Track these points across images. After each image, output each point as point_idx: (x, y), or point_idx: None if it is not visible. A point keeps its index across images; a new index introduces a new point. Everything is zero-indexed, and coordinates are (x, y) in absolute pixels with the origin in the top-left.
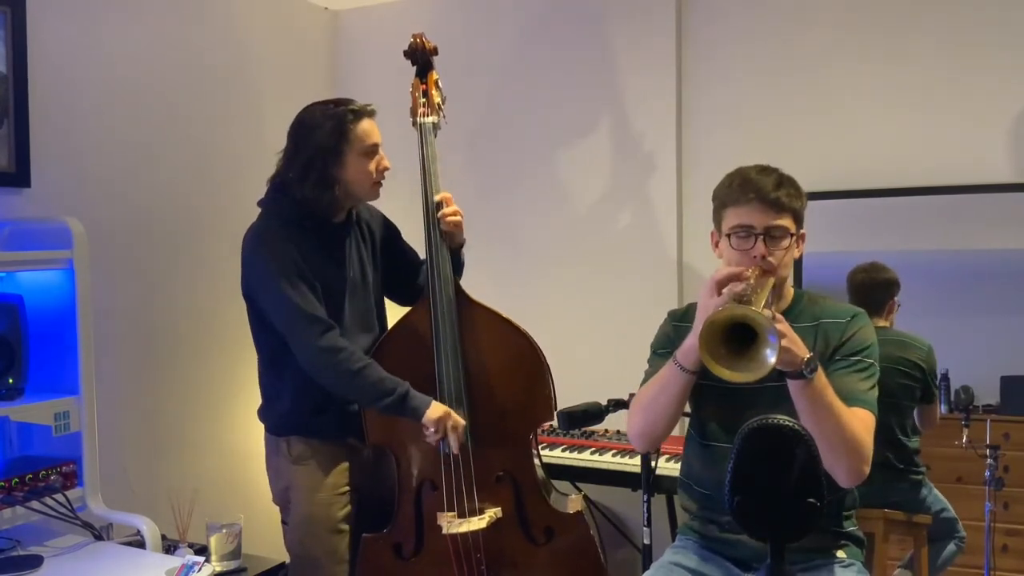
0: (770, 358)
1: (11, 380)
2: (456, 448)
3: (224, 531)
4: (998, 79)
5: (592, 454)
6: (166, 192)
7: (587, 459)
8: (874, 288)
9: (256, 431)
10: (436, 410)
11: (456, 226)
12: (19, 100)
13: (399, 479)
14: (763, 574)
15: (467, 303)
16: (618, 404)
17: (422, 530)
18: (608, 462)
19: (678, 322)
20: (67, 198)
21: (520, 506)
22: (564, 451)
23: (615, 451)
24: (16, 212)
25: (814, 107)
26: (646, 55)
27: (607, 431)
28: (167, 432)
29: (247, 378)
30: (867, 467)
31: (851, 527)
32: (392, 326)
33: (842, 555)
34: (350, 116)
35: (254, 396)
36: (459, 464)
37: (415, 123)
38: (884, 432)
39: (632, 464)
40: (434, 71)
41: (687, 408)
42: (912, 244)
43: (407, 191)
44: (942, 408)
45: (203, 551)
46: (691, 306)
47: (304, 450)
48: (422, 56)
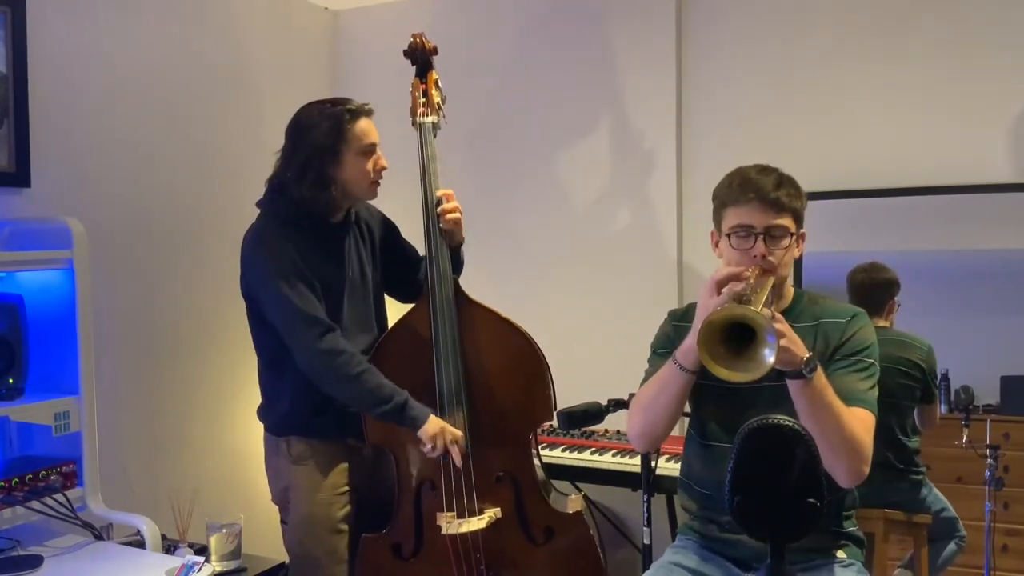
0: (768, 358)
1: (11, 380)
2: (459, 461)
3: (224, 531)
4: (998, 79)
5: (592, 454)
6: (166, 192)
7: (587, 459)
8: (874, 288)
9: (256, 431)
10: (433, 425)
11: (455, 223)
12: (19, 100)
13: (398, 479)
14: (763, 574)
15: (466, 303)
16: (618, 404)
17: (422, 530)
18: (608, 462)
19: (678, 322)
20: (67, 198)
21: (520, 506)
22: (564, 451)
23: (615, 451)
24: (16, 212)
25: (814, 107)
26: (646, 55)
27: (607, 431)
28: (167, 432)
29: (247, 378)
30: (867, 467)
31: (851, 527)
32: (391, 327)
33: (842, 555)
34: (347, 116)
35: (254, 396)
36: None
37: (415, 123)
38: (884, 432)
39: (632, 464)
40: (434, 71)
41: (687, 408)
42: (912, 244)
43: (407, 191)
44: (942, 408)
45: (203, 551)
46: (691, 306)
47: (304, 450)
48: (422, 56)
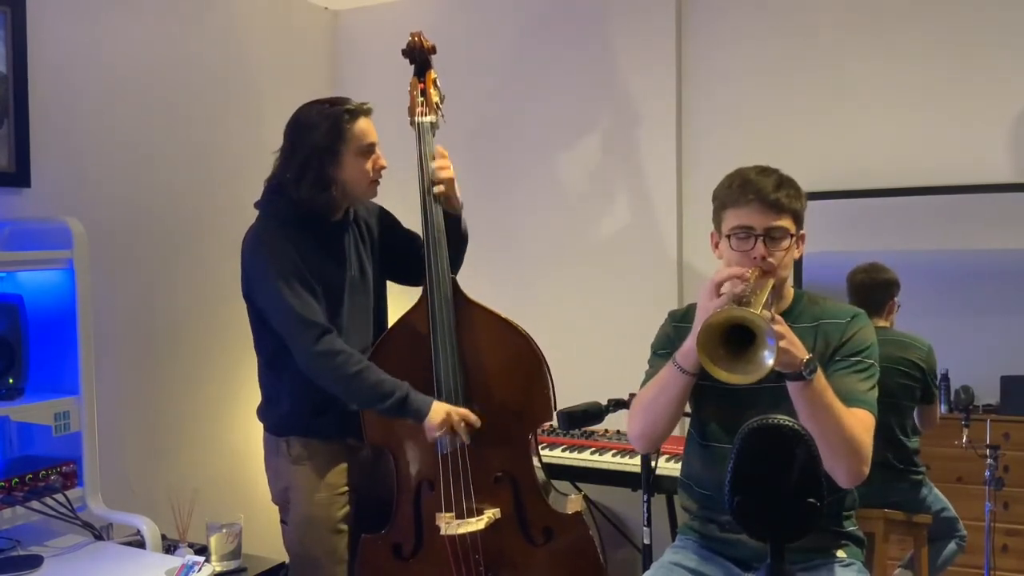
0: (768, 360)
1: (11, 380)
2: (467, 438)
3: (224, 531)
4: (998, 79)
5: (592, 454)
6: (166, 192)
7: (587, 459)
8: (874, 288)
9: (256, 431)
10: (437, 412)
11: (448, 184)
12: (19, 100)
13: (398, 479)
14: (763, 574)
15: (465, 303)
16: (618, 404)
17: (421, 530)
18: (608, 462)
19: (678, 323)
20: (67, 198)
21: (519, 507)
22: (564, 451)
23: (615, 451)
24: (16, 212)
25: (814, 107)
26: (646, 55)
27: (607, 431)
28: (167, 432)
29: (247, 378)
30: (867, 467)
31: (851, 527)
32: (390, 327)
33: (842, 555)
34: (346, 116)
35: (254, 396)
36: (458, 465)
37: (413, 122)
38: (884, 432)
39: (632, 464)
40: (432, 70)
41: (687, 408)
42: (912, 244)
43: (406, 191)
44: (942, 408)
45: (203, 551)
46: (691, 306)
47: (303, 450)
48: (420, 55)
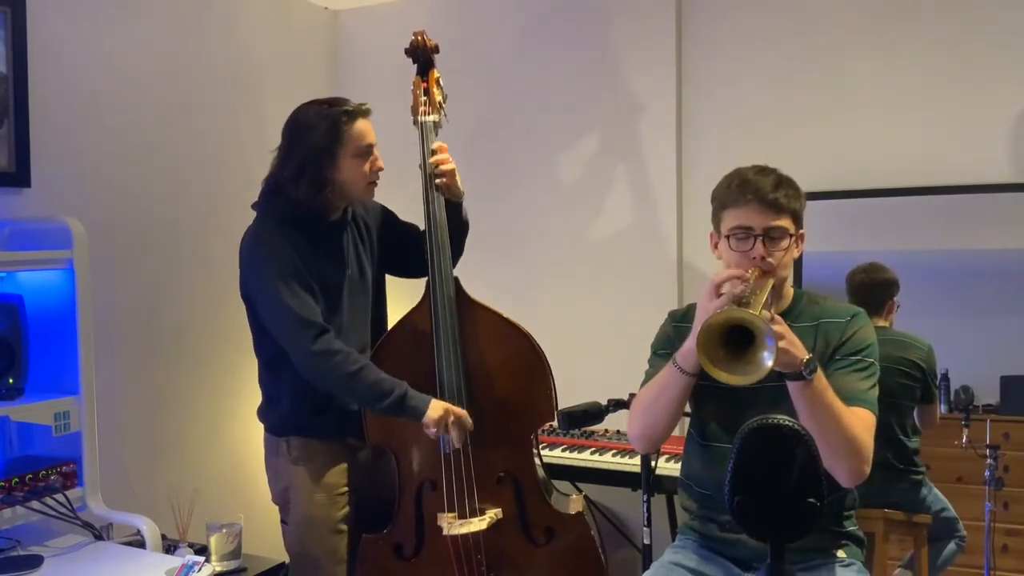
0: (767, 360)
1: (11, 380)
2: (459, 442)
3: (224, 531)
4: (998, 79)
5: (592, 454)
6: (166, 192)
7: (587, 459)
8: (874, 288)
9: (256, 431)
10: (436, 409)
11: (450, 176)
12: (19, 100)
13: (399, 479)
14: (763, 574)
15: (468, 303)
16: (618, 404)
17: (422, 530)
18: (608, 462)
19: (678, 323)
20: (67, 198)
21: (521, 507)
22: (564, 451)
23: (615, 451)
24: (16, 212)
25: (814, 107)
26: (646, 55)
27: (607, 431)
28: (167, 432)
29: (247, 378)
30: (867, 467)
31: (851, 527)
32: (392, 327)
33: (842, 555)
34: (344, 117)
35: (254, 396)
36: (459, 465)
37: (416, 121)
38: (884, 432)
39: (632, 464)
40: (435, 69)
41: (687, 408)
42: (912, 244)
43: (407, 191)
44: (942, 408)
45: (203, 551)
46: (691, 306)
47: (304, 450)
48: (423, 54)
